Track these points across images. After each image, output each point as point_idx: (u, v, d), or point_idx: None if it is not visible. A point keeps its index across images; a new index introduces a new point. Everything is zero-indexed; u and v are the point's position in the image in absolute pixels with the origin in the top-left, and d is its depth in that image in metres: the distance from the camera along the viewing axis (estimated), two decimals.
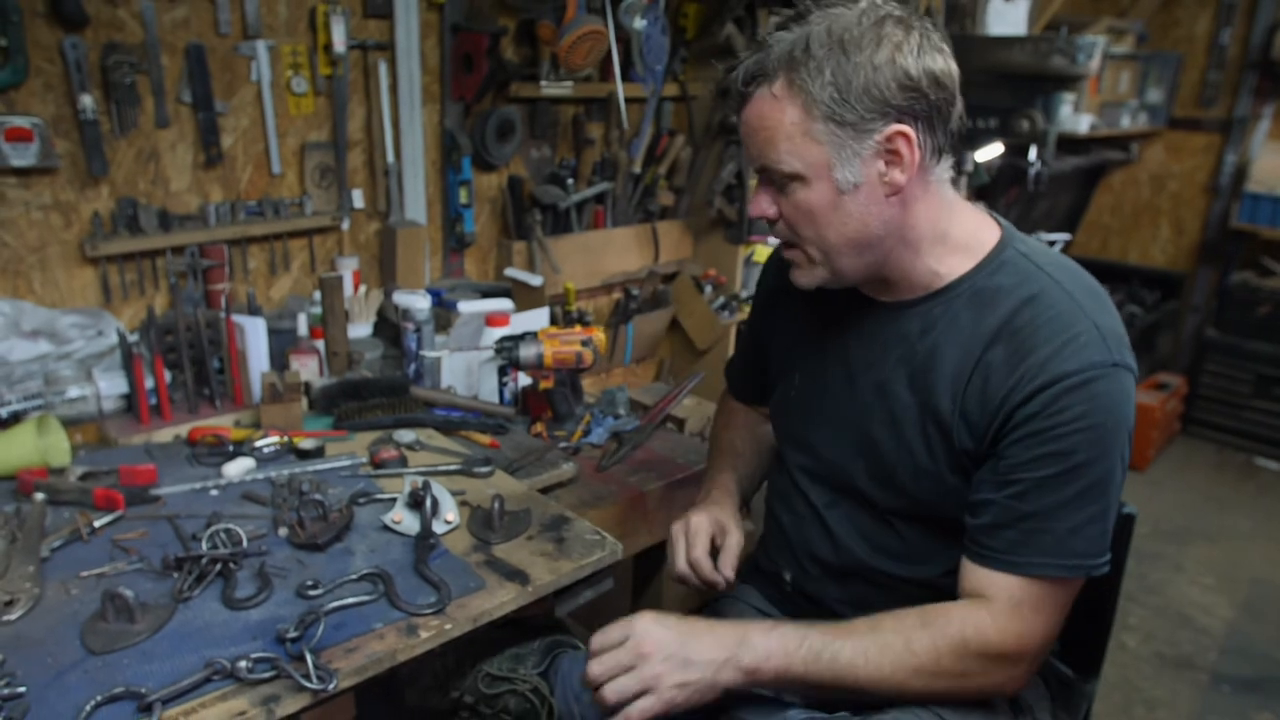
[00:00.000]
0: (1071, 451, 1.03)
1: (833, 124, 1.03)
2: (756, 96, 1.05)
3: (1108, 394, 1.03)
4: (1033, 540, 1.05)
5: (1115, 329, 1.07)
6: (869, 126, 1.03)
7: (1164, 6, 4.40)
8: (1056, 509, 1.04)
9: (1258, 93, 4.23)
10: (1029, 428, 1.04)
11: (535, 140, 2.37)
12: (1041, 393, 1.03)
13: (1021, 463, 1.05)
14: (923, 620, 1.08)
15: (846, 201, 1.06)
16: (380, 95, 2.00)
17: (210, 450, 1.52)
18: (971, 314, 1.12)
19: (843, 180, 1.05)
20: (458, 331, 1.93)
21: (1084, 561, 1.06)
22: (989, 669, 1.07)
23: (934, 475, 1.14)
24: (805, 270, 1.15)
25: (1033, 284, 1.10)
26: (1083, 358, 1.03)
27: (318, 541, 1.25)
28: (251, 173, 1.89)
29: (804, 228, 1.10)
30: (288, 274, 1.99)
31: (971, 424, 1.09)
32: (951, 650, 1.05)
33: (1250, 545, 3.50)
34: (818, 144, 1.04)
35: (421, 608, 1.14)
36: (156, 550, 1.23)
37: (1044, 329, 1.06)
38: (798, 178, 1.06)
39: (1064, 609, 1.10)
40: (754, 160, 1.10)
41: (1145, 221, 4.71)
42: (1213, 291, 4.46)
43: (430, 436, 1.66)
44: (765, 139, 1.06)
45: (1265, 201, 4.11)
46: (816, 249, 1.11)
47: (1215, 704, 2.67)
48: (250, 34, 1.80)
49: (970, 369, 1.09)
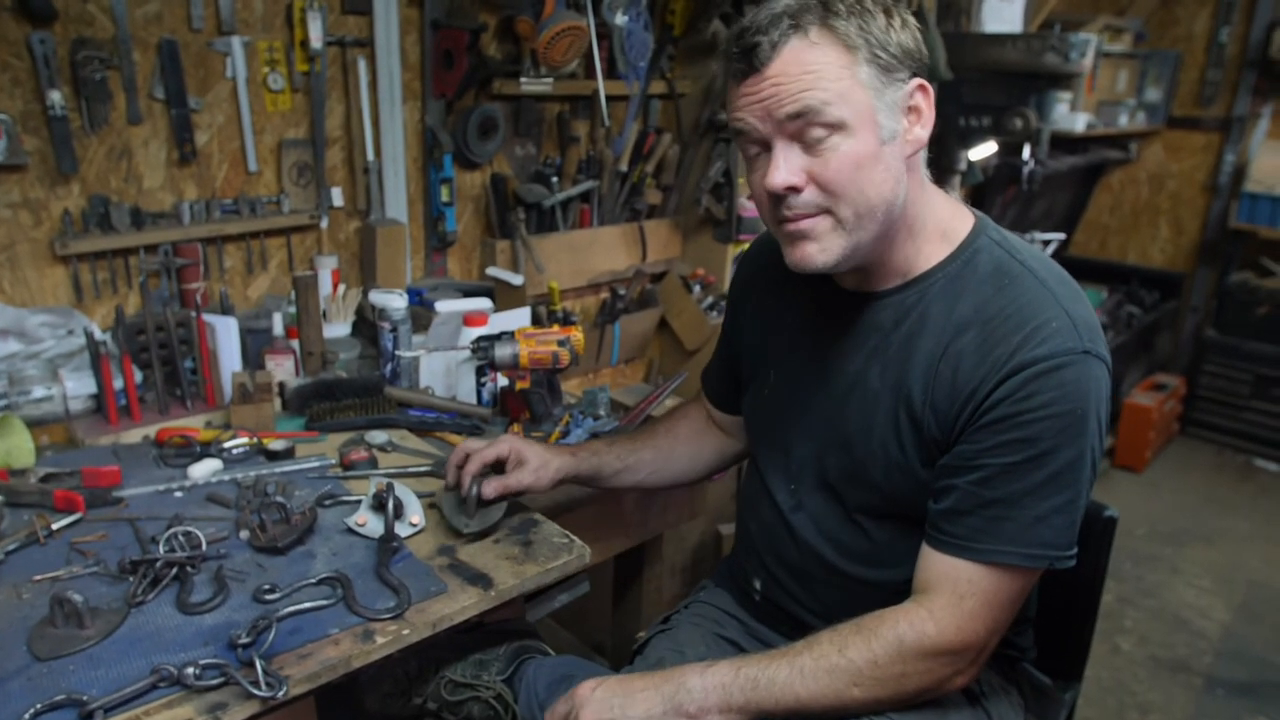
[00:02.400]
0: (1038, 438, 1.01)
1: (875, 68, 1.01)
2: (790, 46, 0.99)
3: (1077, 381, 1.01)
4: (995, 527, 1.03)
5: (1087, 318, 1.05)
6: (899, 76, 1.03)
7: (1163, 4, 4.36)
8: (1022, 496, 1.02)
9: (1256, 91, 4.19)
10: (996, 413, 1.02)
11: (519, 138, 2.35)
12: (1010, 379, 1.02)
13: (987, 448, 1.03)
14: (857, 627, 1.07)
15: (887, 154, 1.04)
16: (359, 92, 1.98)
17: (177, 451, 1.50)
18: (944, 304, 1.10)
19: (886, 129, 1.03)
20: (435, 331, 1.90)
21: (1048, 552, 1.04)
22: (930, 667, 1.06)
23: (905, 469, 1.12)
24: (826, 242, 1.06)
25: (1005, 272, 1.08)
26: (1052, 344, 1.01)
27: (278, 544, 1.23)
28: (227, 170, 1.87)
29: (846, 185, 1.02)
30: (265, 273, 1.97)
31: (941, 413, 1.07)
32: (888, 653, 1.04)
33: (1248, 547, 3.46)
34: (863, 88, 1.01)
35: (379, 612, 1.12)
36: (115, 553, 1.21)
37: (1014, 316, 1.04)
38: (841, 127, 1.01)
39: (1015, 603, 1.08)
40: (789, 111, 1.00)
41: (1144, 221, 4.67)
42: (1212, 292, 4.43)
43: (403, 438, 1.64)
44: (808, 85, 0.99)
45: (1264, 201, 4.07)
46: (853, 210, 1.04)
47: (1209, 708, 2.64)
48: (225, 30, 1.78)
49: (940, 357, 1.08)
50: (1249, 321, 4.09)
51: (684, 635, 1.34)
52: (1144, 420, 3.93)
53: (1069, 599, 1.47)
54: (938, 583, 1.07)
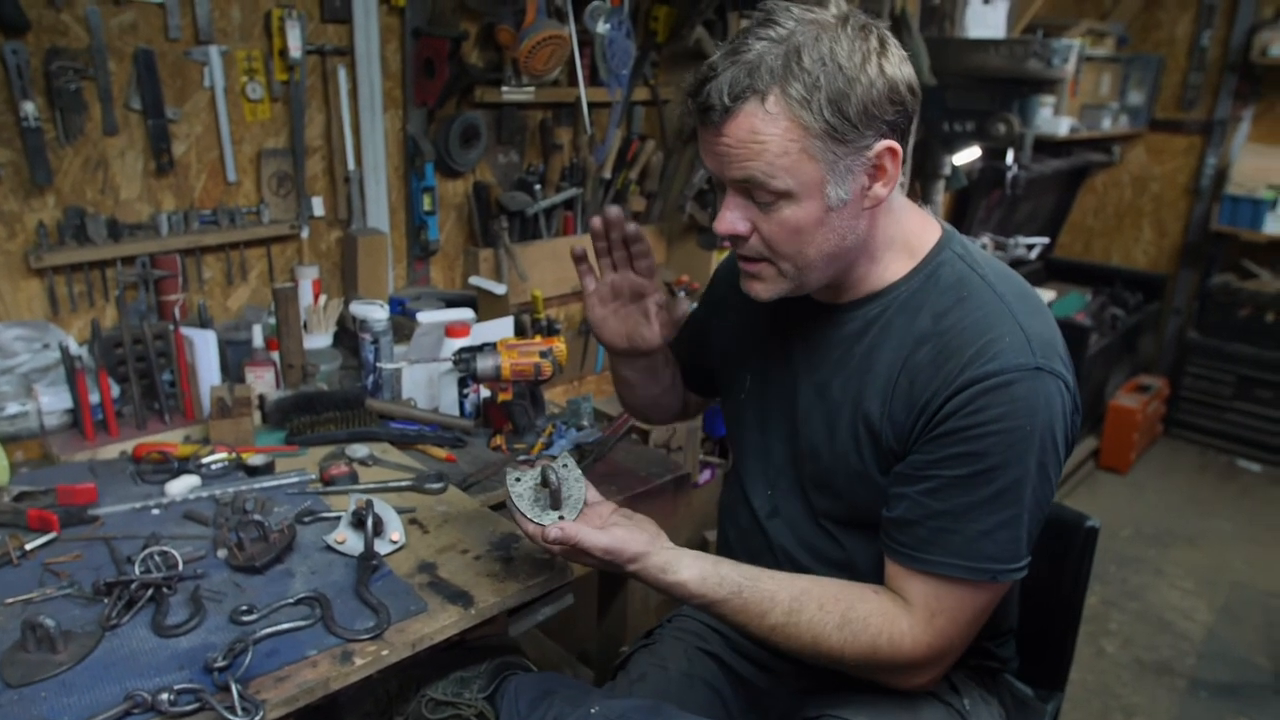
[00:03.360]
0: (985, 453, 1.01)
1: (830, 141, 0.98)
2: (744, 111, 0.97)
3: (1026, 397, 1.00)
4: (941, 539, 1.04)
5: (1043, 333, 1.05)
6: (864, 144, 1.00)
7: (1145, 8, 4.39)
8: (968, 509, 1.03)
9: (1237, 95, 4.22)
10: (947, 426, 1.03)
11: (502, 146, 2.34)
12: (960, 393, 1.02)
13: (936, 460, 1.04)
14: (842, 622, 1.08)
15: (833, 218, 1.03)
16: (340, 101, 1.97)
17: (155, 467, 1.48)
18: (905, 317, 1.11)
19: (834, 197, 1.02)
20: (417, 342, 1.89)
21: (991, 565, 1.04)
22: (890, 674, 1.11)
23: (865, 478, 1.13)
24: (769, 284, 1.10)
25: (964, 285, 1.09)
26: (1003, 360, 1.01)
27: (256, 564, 1.22)
28: (206, 181, 1.86)
29: (784, 245, 1.05)
30: (245, 284, 1.96)
31: (898, 425, 1.08)
32: (856, 654, 1.07)
33: (1231, 548, 3.48)
34: (814, 161, 0.99)
35: (358, 633, 1.11)
36: (89, 574, 1.20)
37: (969, 330, 1.04)
38: (786, 196, 1.01)
39: (983, 616, 1.09)
40: (734, 176, 1.02)
41: (1128, 223, 4.70)
42: (1194, 294, 4.45)
43: (385, 451, 1.63)
44: (754, 155, 0.99)
45: (1245, 204, 4.10)
46: (792, 264, 1.07)
47: (1192, 710, 2.65)
48: (202, 39, 1.77)
49: (899, 370, 1.08)
50: (1231, 323, 4.12)
51: (667, 650, 1.34)
52: (1128, 422, 3.96)
53: (1051, 609, 1.47)
54: (909, 595, 1.08)
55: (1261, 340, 4.01)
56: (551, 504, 1.12)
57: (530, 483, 1.15)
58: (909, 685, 1.12)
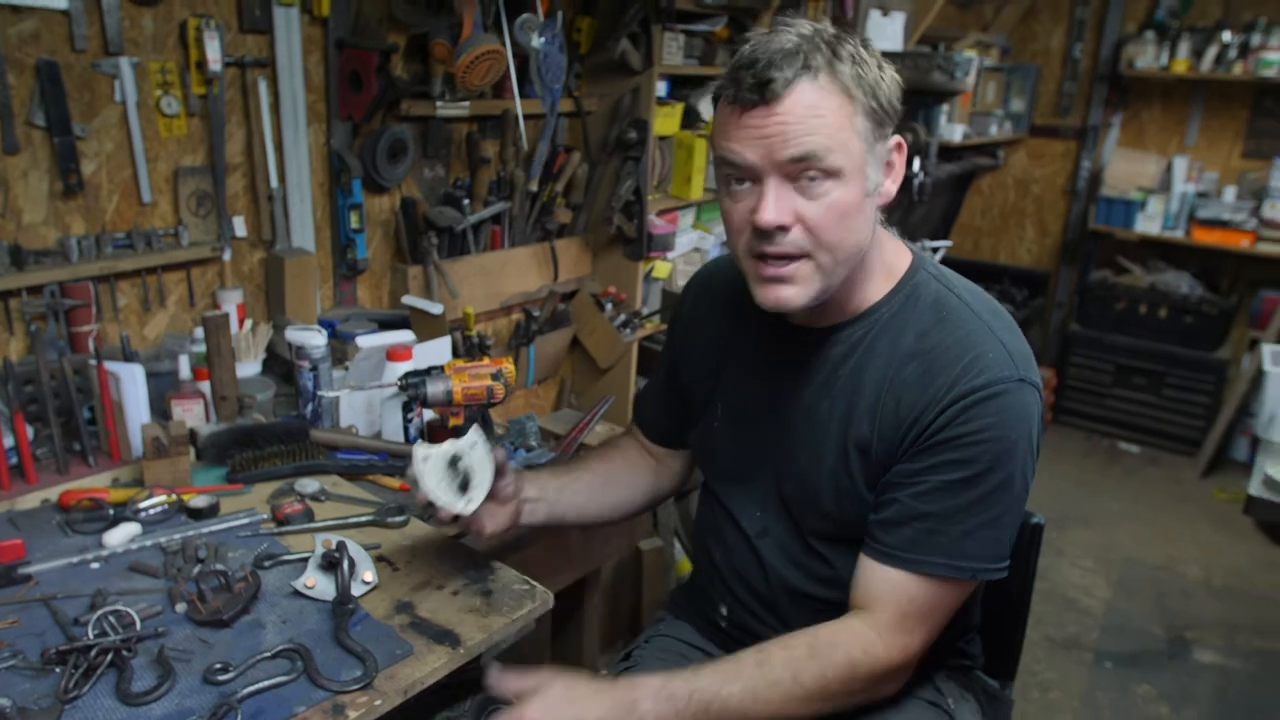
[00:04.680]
0: (974, 459, 1.06)
1: (870, 120, 1.03)
2: (800, 86, 0.99)
3: (1012, 408, 1.07)
4: (928, 540, 1.09)
5: (1021, 348, 1.11)
6: (886, 131, 1.06)
7: (1022, 21, 4.65)
8: (954, 512, 1.08)
9: (1108, 103, 4.53)
10: (938, 437, 1.08)
11: (427, 160, 2.27)
12: (950, 407, 1.07)
13: (926, 466, 1.09)
14: (811, 650, 1.09)
15: (868, 205, 1.07)
16: (261, 115, 1.87)
17: (87, 516, 1.37)
18: (889, 337, 1.14)
19: (871, 182, 1.06)
20: (357, 367, 1.82)
21: (975, 564, 1.10)
22: (876, 685, 1.12)
23: (853, 494, 1.16)
24: (803, 285, 1.07)
25: (943, 305, 1.14)
26: (990, 374, 1.07)
27: (223, 617, 1.14)
28: (118, 202, 1.73)
29: (830, 232, 1.04)
30: (164, 310, 1.83)
31: (887, 440, 1.12)
32: (840, 677, 1.08)
33: (1120, 526, 3.73)
34: (859, 139, 1.03)
35: (346, 684, 1.05)
36: (33, 641, 1.10)
37: (953, 349, 1.09)
38: (836, 174, 1.02)
39: (949, 613, 1.14)
40: (791, 154, 1.00)
41: (1012, 223, 4.97)
42: (1074, 288, 4.75)
43: (335, 484, 1.56)
44: (813, 129, 1.00)
45: (1118, 205, 4.40)
46: (832, 257, 1.06)
47: (1101, 680, 2.83)
48: (112, 50, 1.64)
49: (885, 388, 1.12)
50: (1108, 316, 4.41)
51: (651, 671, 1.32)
52: None
53: (1001, 603, 1.54)
54: (880, 599, 1.12)
55: (1136, 331, 4.31)
56: (460, 487, 1.16)
57: (439, 462, 1.17)
58: (891, 691, 1.16)
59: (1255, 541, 3.69)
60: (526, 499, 1.30)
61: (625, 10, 2.40)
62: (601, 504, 1.41)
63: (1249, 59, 3.99)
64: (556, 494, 1.35)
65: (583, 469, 1.42)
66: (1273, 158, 4.13)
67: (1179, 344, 4.25)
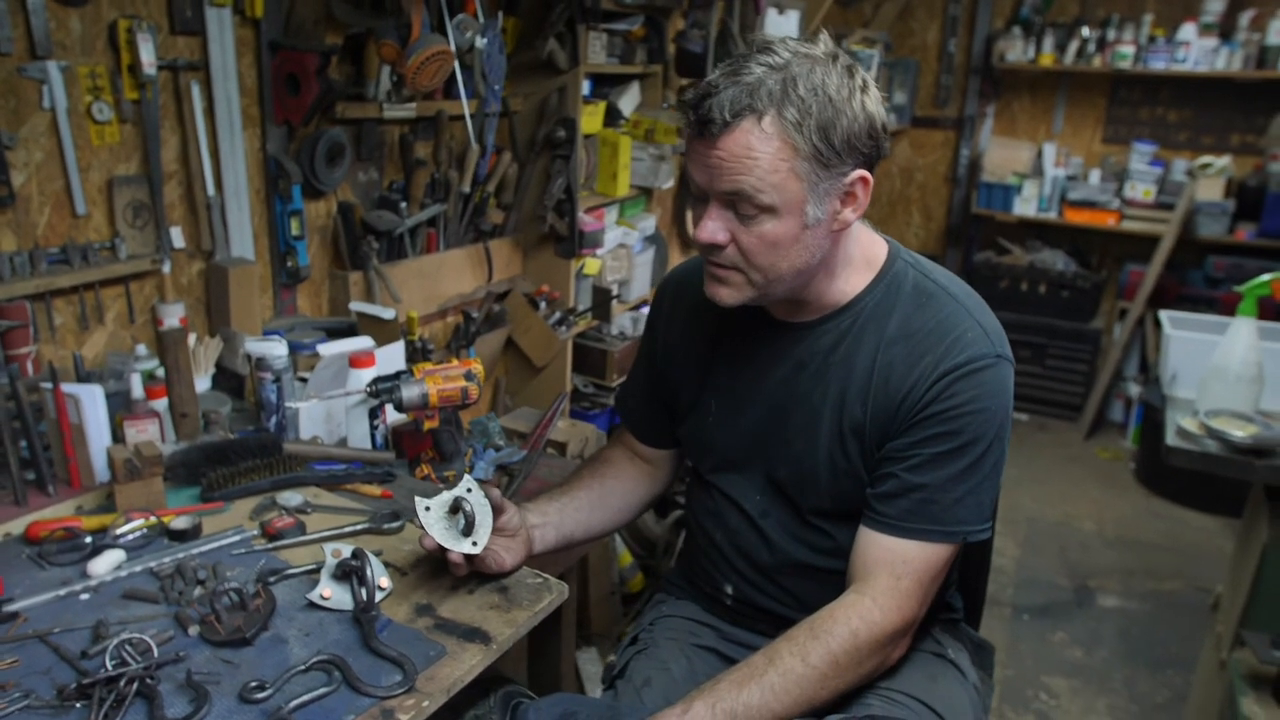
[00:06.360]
0: (960, 431, 1.15)
1: (816, 164, 1.07)
2: (741, 128, 1.05)
3: (992, 381, 1.16)
4: (923, 509, 1.17)
5: (995, 326, 1.21)
6: (842, 170, 1.09)
7: (900, 18, 4.89)
8: (945, 482, 1.16)
9: (982, 95, 4.82)
10: (927, 412, 1.16)
11: (362, 163, 2.22)
12: (937, 383, 1.15)
13: (917, 440, 1.17)
14: (812, 631, 1.15)
15: (807, 235, 1.11)
16: (196, 121, 1.79)
17: (61, 546, 1.29)
18: (875, 324, 1.22)
19: (811, 217, 1.10)
20: (318, 376, 1.77)
21: (965, 528, 1.19)
22: (881, 650, 1.18)
23: (850, 473, 1.23)
24: (736, 290, 1.17)
25: (922, 291, 1.22)
26: (971, 351, 1.15)
27: (245, 635, 1.11)
28: (50, 215, 1.63)
29: (759, 257, 1.12)
30: (102, 328, 1.73)
31: (879, 420, 1.19)
32: (845, 650, 1.14)
33: (1020, 489, 3.99)
34: (799, 181, 1.07)
35: (390, 689, 1.05)
36: (41, 680, 1.04)
37: (936, 330, 1.18)
38: (769, 211, 1.08)
39: (940, 575, 1.22)
40: (724, 189, 1.09)
41: (899, 210, 5.23)
42: (960, 269, 5.04)
43: (317, 495, 1.52)
44: (746, 170, 1.06)
45: (997, 189, 4.70)
46: (762, 275, 1.14)
47: (1020, 632, 3.04)
48: (39, 54, 1.54)
49: (872, 371, 1.20)
50: (993, 294, 4.70)
51: (664, 652, 1.36)
52: None
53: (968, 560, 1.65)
54: (875, 567, 1.19)
55: (1019, 307, 4.61)
56: (464, 531, 1.20)
57: (440, 510, 1.22)
58: (896, 656, 1.22)
59: (1138, 494, 4.04)
60: (533, 526, 1.32)
61: (550, 10, 2.41)
62: (604, 516, 1.44)
63: (1106, 52, 4.34)
64: (559, 515, 1.37)
65: (578, 487, 1.44)
66: (1129, 142, 4.51)
67: (1058, 317, 4.58)
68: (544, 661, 1.93)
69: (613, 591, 2.64)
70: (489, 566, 1.24)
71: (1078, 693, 2.75)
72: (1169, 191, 4.38)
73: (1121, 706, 2.68)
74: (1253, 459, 1.90)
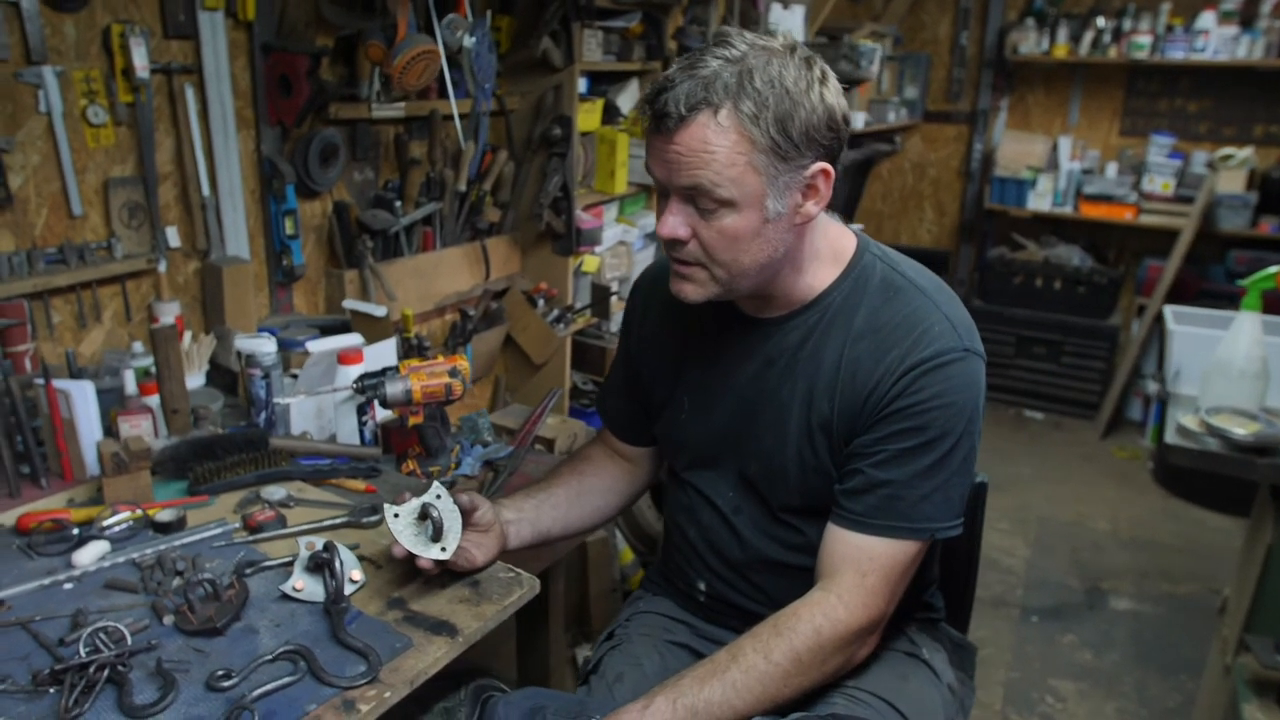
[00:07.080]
0: (927, 426, 1.14)
1: (774, 157, 1.06)
2: (697, 121, 1.04)
3: (960, 375, 1.15)
4: (889, 505, 1.16)
5: (965, 320, 1.20)
6: (802, 163, 1.08)
7: (911, 11, 4.86)
8: (912, 477, 1.15)
9: (995, 88, 4.77)
10: (893, 407, 1.15)
11: (357, 162, 2.25)
12: (903, 378, 1.14)
13: (883, 435, 1.16)
14: (775, 628, 1.15)
15: (768, 229, 1.11)
16: (190, 123, 1.82)
17: (48, 538, 1.33)
18: (843, 319, 1.21)
19: (771, 210, 1.09)
20: (307, 373, 1.80)
21: (932, 525, 1.18)
22: (846, 648, 1.17)
23: (819, 469, 1.23)
24: (700, 286, 1.17)
25: (890, 285, 1.21)
26: (938, 345, 1.14)
27: (216, 625, 1.13)
28: (48, 216, 1.67)
29: (721, 252, 1.12)
30: (99, 326, 1.78)
31: (846, 415, 1.19)
32: (809, 647, 1.13)
33: (1032, 489, 3.95)
34: (757, 175, 1.07)
35: (353, 679, 1.06)
36: (18, 665, 1.07)
37: (903, 324, 1.17)
38: (729, 204, 1.08)
39: (909, 573, 1.21)
40: (681, 183, 1.08)
41: (912, 206, 5.19)
42: (974, 265, 5.00)
43: (301, 490, 1.55)
44: (703, 163, 1.05)
45: (1010, 184, 4.65)
46: (725, 270, 1.14)
47: (1028, 634, 3.00)
48: (35, 59, 1.58)
49: (839, 365, 1.19)
50: (1007, 290, 4.66)
51: (637, 648, 1.37)
52: None
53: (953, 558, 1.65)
54: (841, 564, 1.18)
55: (1033, 303, 4.57)
56: (433, 536, 1.21)
57: (409, 517, 1.23)
58: (863, 654, 1.22)
59: (1154, 494, 3.98)
60: (508, 521, 1.32)
61: (545, 8, 2.43)
62: (581, 512, 1.44)
63: (1122, 42, 4.28)
64: (535, 511, 1.38)
65: (556, 484, 1.44)
66: (1147, 134, 4.45)
67: (1074, 313, 4.52)
68: (534, 656, 1.95)
69: (614, 588, 2.65)
70: (459, 565, 1.25)
71: (1085, 696, 2.71)
72: (1189, 184, 4.31)
73: (1131, 710, 2.64)
74: (1255, 457, 1.87)
